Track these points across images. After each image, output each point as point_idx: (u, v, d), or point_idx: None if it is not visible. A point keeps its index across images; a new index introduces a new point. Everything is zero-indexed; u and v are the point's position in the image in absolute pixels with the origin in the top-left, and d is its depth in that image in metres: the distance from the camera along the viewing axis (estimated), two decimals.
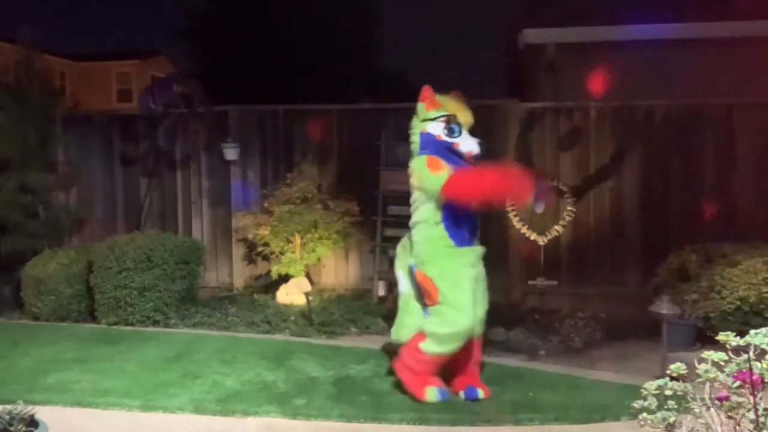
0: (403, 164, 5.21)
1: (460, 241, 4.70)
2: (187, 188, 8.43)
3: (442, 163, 4.68)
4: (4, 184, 7.58)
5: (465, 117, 4.87)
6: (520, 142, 7.73)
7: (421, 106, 4.88)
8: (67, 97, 10.68)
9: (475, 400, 4.69)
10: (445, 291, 4.60)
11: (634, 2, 9.04)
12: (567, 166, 7.72)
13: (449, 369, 4.80)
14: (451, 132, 4.77)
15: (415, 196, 4.83)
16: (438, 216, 4.68)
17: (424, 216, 4.74)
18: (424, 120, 4.84)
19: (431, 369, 4.69)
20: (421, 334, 4.68)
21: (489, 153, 5.02)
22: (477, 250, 4.80)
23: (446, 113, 4.81)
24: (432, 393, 4.63)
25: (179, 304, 6.97)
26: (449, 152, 4.75)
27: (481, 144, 4.82)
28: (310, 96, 10.67)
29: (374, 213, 7.74)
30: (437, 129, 4.79)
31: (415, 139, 4.88)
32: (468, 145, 4.78)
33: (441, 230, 4.68)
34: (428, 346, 4.61)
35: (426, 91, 4.90)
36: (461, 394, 4.75)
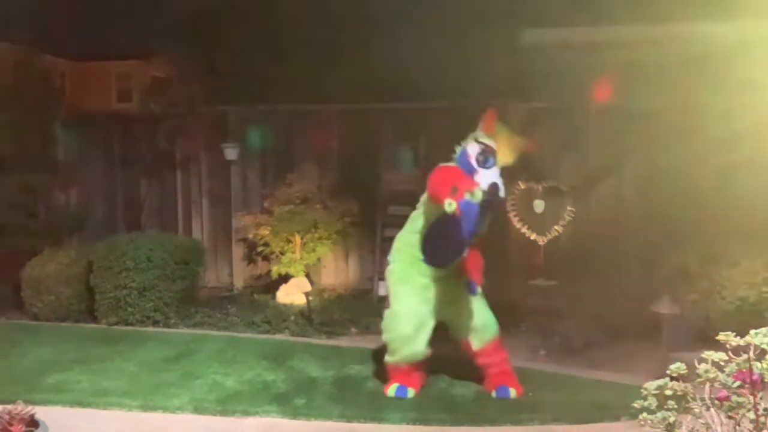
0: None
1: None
2: (187, 188, 8.43)
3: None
4: (4, 184, 7.58)
5: (504, 156, 4.81)
6: None
7: (480, 125, 4.87)
8: (67, 97, 10.67)
9: (506, 398, 4.79)
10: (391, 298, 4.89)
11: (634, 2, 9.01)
12: (567, 166, 7.71)
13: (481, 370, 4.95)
14: (484, 161, 4.73)
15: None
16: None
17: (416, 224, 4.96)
18: (473, 138, 4.85)
19: (393, 373, 4.90)
20: None
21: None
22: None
23: (488, 144, 4.76)
24: (392, 389, 4.87)
25: (179, 304, 6.97)
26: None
27: (491, 190, 4.62)
28: (311, 96, 10.63)
29: (374, 213, 7.74)
30: (474, 150, 4.75)
31: (457, 149, 4.89)
32: (483, 181, 4.66)
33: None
34: (386, 357, 4.90)
35: (490, 114, 4.86)
36: (493, 393, 4.85)
